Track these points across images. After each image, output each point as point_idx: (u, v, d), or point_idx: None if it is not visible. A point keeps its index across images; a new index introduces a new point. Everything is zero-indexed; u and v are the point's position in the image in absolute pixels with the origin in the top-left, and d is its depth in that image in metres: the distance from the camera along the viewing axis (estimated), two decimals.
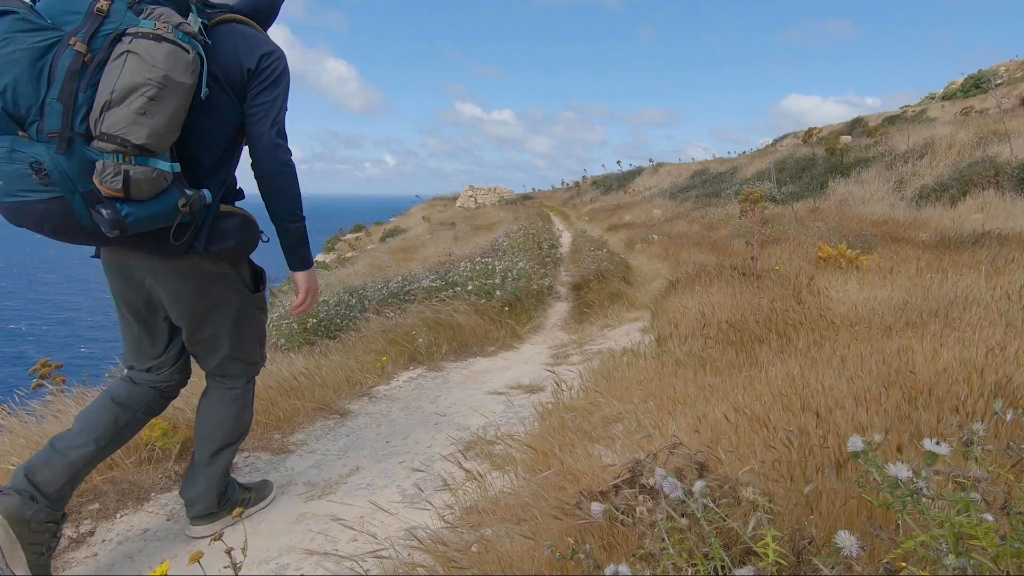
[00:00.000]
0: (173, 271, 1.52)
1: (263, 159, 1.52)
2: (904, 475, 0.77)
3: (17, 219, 1.30)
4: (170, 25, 1.28)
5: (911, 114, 19.60)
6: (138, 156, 1.26)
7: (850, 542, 0.74)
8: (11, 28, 1.20)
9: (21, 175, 1.22)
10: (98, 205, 1.26)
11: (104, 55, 1.24)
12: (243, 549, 1.15)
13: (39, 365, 3.19)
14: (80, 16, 1.25)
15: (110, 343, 20.53)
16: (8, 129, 1.22)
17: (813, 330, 2.79)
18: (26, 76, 1.20)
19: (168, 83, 1.26)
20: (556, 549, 1.01)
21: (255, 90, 1.48)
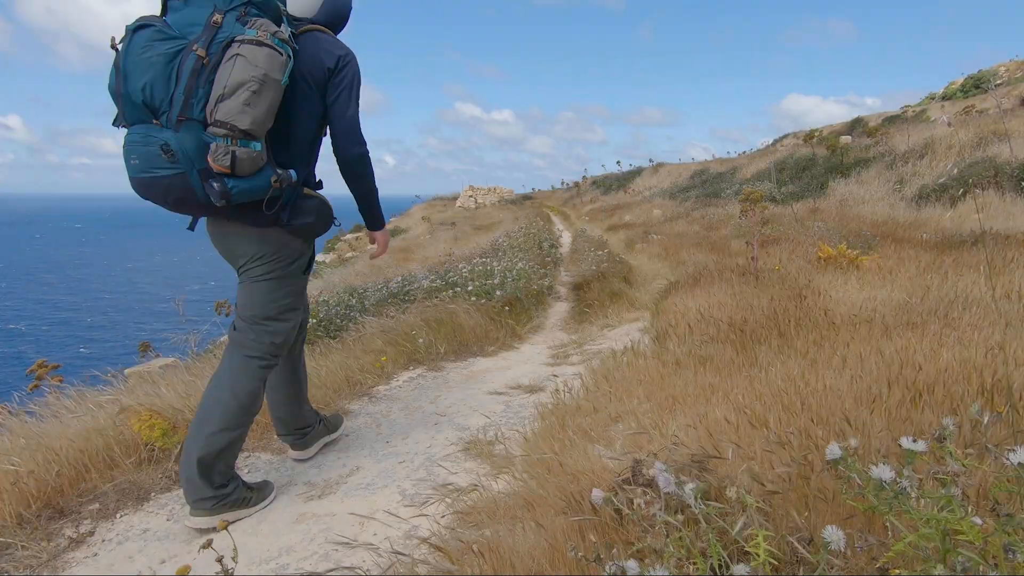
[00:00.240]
0: (253, 238, 1.81)
1: (341, 140, 1.83)
2: (887, 476, 0.79)
3: (147, 192, 1.62)
4: (268, 33, 1.57)
5: (911, 114, 19.60)
6: (243, 139, 1.54)
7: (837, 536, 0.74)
8: (150, 38, 1.53)
9: (153, 155, 1.54)
10: (210, 179, 1.56)
11: (218, 58, 1.53)
12: (234, 557, 1.15)
13: (36, 366, 3.20)
14: (200, 27, 1.56)
15: (109, 343, 20.53)
16: (145, 118, 1.55)
17: (813, 330, 2.79)
18: (160, 75, 1.51)
19: (267, 80, 1.54)
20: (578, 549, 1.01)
21: (334, 85, 1.78)
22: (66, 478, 2.11)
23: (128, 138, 1.59)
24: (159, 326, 17.89)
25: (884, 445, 1.40)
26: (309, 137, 1.83)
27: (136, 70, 1.53)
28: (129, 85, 1.54)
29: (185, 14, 1.59)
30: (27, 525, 1.89)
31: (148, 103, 1.54)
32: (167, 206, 1.67)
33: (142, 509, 2.04)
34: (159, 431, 2.30)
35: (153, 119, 1.55)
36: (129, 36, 1.56)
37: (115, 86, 1.57)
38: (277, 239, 1.83)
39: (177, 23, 1.58)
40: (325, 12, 1.87)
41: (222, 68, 1.53)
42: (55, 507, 2.00)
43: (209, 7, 1.58)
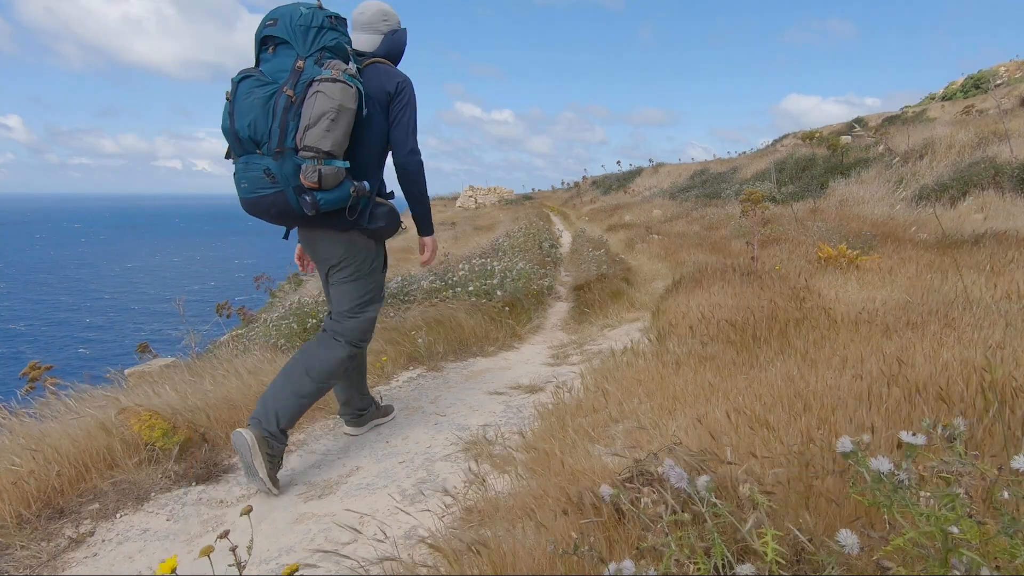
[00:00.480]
0: (338, 241, 2.13)
1: (399, 152, 2.14)
2: (885, 467, 0.80)
3: (255, 209, 1.99)
4: (340, 71, 1.89)
5: (911, 114, 19.61)
6: (326, 159, 1.87)
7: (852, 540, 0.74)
8: (251, 85, 1.89)
9: (258, 179, 1.91)
10: (303, 194, 1.91)
11: (303, 95, 1.86)
12: (248, 548, 1.15)
13: (28, 368, 3.19)
14: (287, 72, 1.90)
15: (107, 343, 20.52)
16: (250, 150, 1.92)
17: (813, 330, 2.79)
18: (261, 114, 1.87)
19: (342, 108, 1.87)
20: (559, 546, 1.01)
21: (395, 106, 2.11)
22: (66, 478, 2.11)
23: (237, 167, 1.97)
24: (159, 326, 17.88)
25: (884, 444, 1.40)
26: (377, 152, 2.14)
27: (242, 112, 1.89)
28: (237, 124, 1.90)
29: (274, 63, 1.92)
30: (27, 525, 1.89)
31: (252, 137, 1.89)
32: (271, 219, 2.02)
33: (142, 509, 2.04)
34: (159, 431, 2.29)
35: (256, 150, 1.91)
36: (235, 86, 1.92)
37: (228, 125, 1.93)
38: (356, 241, 2.15)
39: (269, 71, 1.92)
40: (384, 47, 2.21)
41: (306, 103, 1.86)
42: (55, 507, 2.00)
43: (292, 55, 1.91)
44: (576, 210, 22.65)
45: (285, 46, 1.93)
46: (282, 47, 1.93)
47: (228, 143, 1.98)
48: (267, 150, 1.89)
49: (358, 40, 2.19)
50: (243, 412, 2.73)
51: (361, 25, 2.21)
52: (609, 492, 0.99)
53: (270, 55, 1.94)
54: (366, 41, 2.20)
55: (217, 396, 2.79)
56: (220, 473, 2.30)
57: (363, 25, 2.21)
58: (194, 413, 2.60)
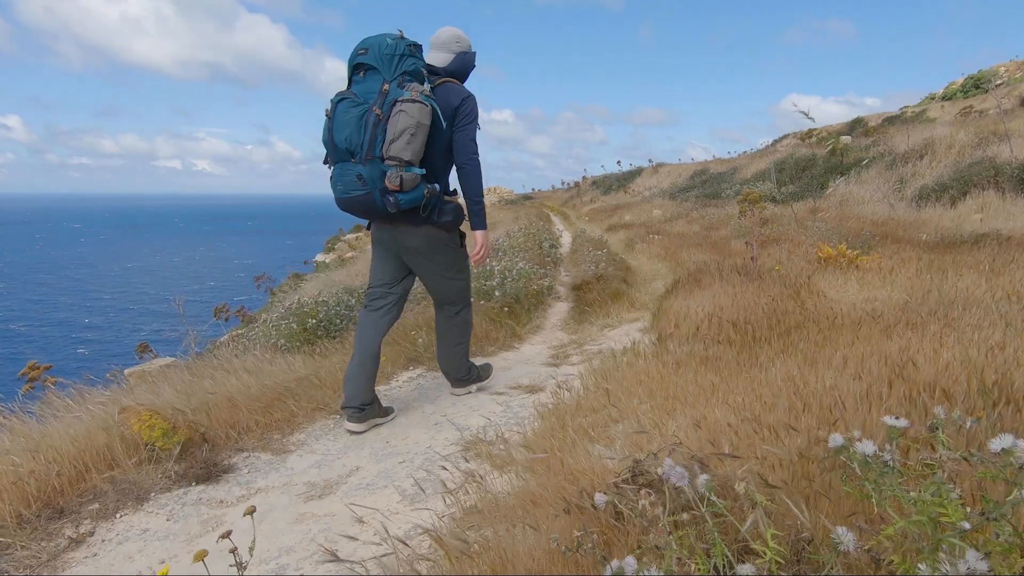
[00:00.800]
0: (418, 236, 2.54)
1: (460, 156, 2.48)
2: (870, 450, 0.82)
3: (347, 206, 2.42)
4: (418, 92, 2.26)
5: (911, 114, 19.61)
6: (407, 167, 2.25)
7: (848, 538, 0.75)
8: (348, 105, 2.29)
9: (351, 182, 2.31)
10: (387, 195, 2.30)
11: (388, 113, 2.24)
12: (250, 549, 1.15)
13: (27, 368, 3.19)
14: (375, 94, 2.28)
15: (107, 343, 20.51)
16: (345, 158, 2.32)
17: (813, 330, 2.79)
18: (355, 129, 2.26)
19: (419, 125, 2.24)
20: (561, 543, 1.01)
21: (459, 120, 2.46)
22: (66, 478, 2.11)
23: (334, 172, 2.38)
24: (158, 326, 17.87)
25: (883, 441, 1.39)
26: (444, 157, 2.50)
27: (340, 127, 2.29)
28: (336, 137, 2.30)
29: (365, 85, 2.31)
30: (27, 525, 1.89)
31: (348, 148, 2.29)
32: (360, 215, 2.48)
33: (142, 509, 2.04)
34: (159, 431, 2.29)
35: (351, 158, 2.31)
36: (334, 105, 2.34)
37: (328, 138, 2.36)
38: (431, 233, 2.55)
39: (360, 92, 2.31)
40: (455, 65, 2.59)
41: (391, 120, 2.23)
42: (55, 507, 2.00)
43: (380, 79, 2.29)
44: (576, 210, 22.65)
45: (373, 71, 2.31)
46: (371, 72, 2.32)
47: (327, 152, 2.40)
48: (359, 159, 2.29)
49: (435, 57, 2.57)
50: (243, 412, 2.73)
51: (437, 45, 2.59)
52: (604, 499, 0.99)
53: (361, 79, 2.33)
54: (441, 59, 2.58)
55: (217, 396, 2.79)
56: (220, 473, 2.30)
57: (439, 45, 2.59)
58: (194, 413, 2.60)
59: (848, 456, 0.84)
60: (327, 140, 2.36)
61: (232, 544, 1.08)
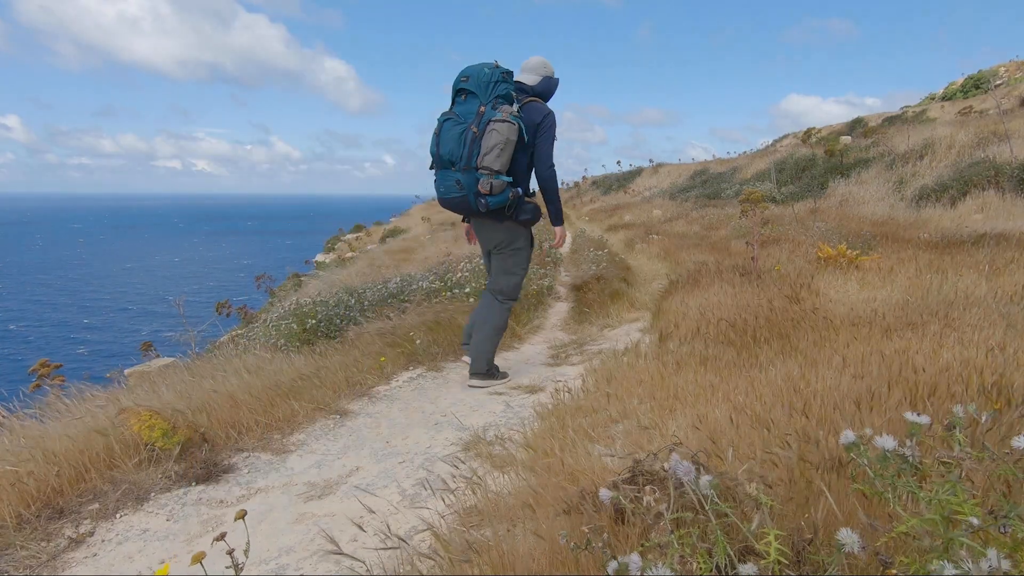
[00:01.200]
0: (500, 229, 3.06)
1: (539, 165, 2.95)
2: (890, 445, 0.81)
3: (448, 205, 2.95)
4: (508, 113, 2.74)
5: (911, 115, 19.60)
6: (496, 175, 2.75)
7: (852, 539, 0.74)
8: (452, 124, 2.80)
9: (451, 186, 2.85)
10: (479, 197, 2.81)
11: (482, 131, 2.72)
12: (245, 551, 1.15)
13: (38, 365, 3.20)
14: (473, 115, 2.77)
15: (106, 343, 20.50)
16: (447, 166, 2.84)
17: (813, 330, 2.79)
18: (456, 144, 2.77)
19: (508, 142, 2.72)
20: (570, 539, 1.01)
21: (539, 133, 2.91)
22: (66, 478, 2.11)
23: (438, 177, 2.92)
24: (157, 326, 17.85)
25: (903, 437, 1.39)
26: (526, 165, 2.96)
27: (444, 142, 2.81)
28: (442, 150, 2.83)
29: (464, 107, 2.81)
30: (27, 525, 1.89)
31: (449, 159, 2.81)
32: (456, 211, 3.00)
33: (142, 509, 2.04)
34: (159, 431, 2.29)
35: (451, 167, 2.83)
36: (441, 124, 2.86)
37: (435, 150, 2.88)
38: (510, 228, 3.05)
39: (461, 113, 2.81)
40: (541, 86, 3.07)
41: (485, 137, 2.72)
42: (55, 507, 2.00)
43: (476, 103, 2.78)
44: (576, 210, 22.64)
45: (472, 95, 2.80)
46: (471, 96, 2.81)
47: (432, 160, 2.93)
48: (458, 167, 2.79)
49: (525, 77, 3.08)
50: (244, 412, 2.73)
51: (528, 69, 3.10)
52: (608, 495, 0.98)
53: (463, 101, 2.83)
54: (530, 79, 3.07)
55: (217, 396, 2.79)
56: (220, 473, 2.30)
57: (529, 69, 3.10)
58: (194, 413, 2.60)
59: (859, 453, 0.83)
60: (434, 151, 2.89)
61: (228, 546, 1.08)
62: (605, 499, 0.99)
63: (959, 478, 0.76)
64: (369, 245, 20.15)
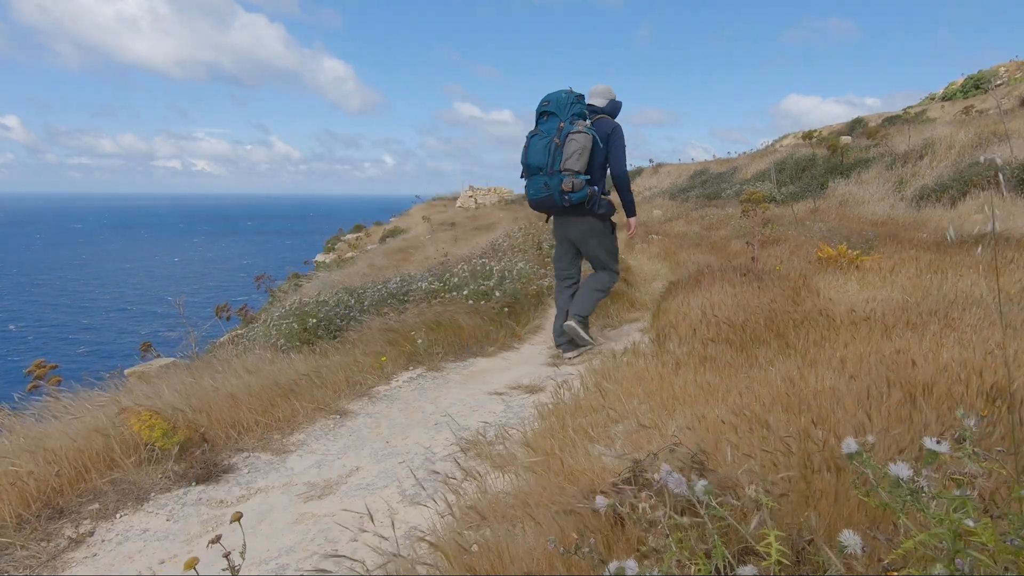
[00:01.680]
0: (583, 223, 3.60)
1: (615, 168, 3.53)
2: (905, 474, 0.78)
3: (537, 205, 3.53)
4: (583, 126, 3.35)
5: (911, 115, 19.59)
6: (576, 175, 3.32)
7: (854, 541, 0.74)
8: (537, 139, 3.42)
9: (540, 188, 3.42)
10: (563, 195, 3.36)
11: (563, 141, 3.31)
12: (242, 552, 1.15)
13: (34, 366, 3.19)
14: (554, 130, 3.36)
15: (106, 344, 20.49)
16: (536, 173, 3.43)
17: (813, 330, 2.79)
18: (542, 154, 3.37)
19: (584, 148, 3.31)
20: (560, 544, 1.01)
21: (611, 143, 3.48)
22: (66, 478, 2.11)
23: (528, 182, 3.51)
24: (157, 327, 17.87)
25: (885, 445, 1.39)
26: (601, 167, 3.52)
27: (532, 154, 3.43)
28: (530, 160, 3.44)
29: (547, 125, 3.44)
30: (27, 525, 1.89)
31: (538, 166, 3.42)
32: (544, 211, 3.65)
33: (142, 509, 2.04)
34: (159, 431, 2.29)
35: (539, 173, 3.43)
36: (529, 139, 3.49)
37: (525, 160, 3.49)
38: (590, 221, 3.60)
39: (545, 130, 3.44)
40: (608, 107, 3.67)
41: (566, 145, 3.33)
42: (55, 507, 2.00)
43: (557, 121, 3.40)
44: None
45: (553, 115, 3.44)
46: (551, 116, 3.45)
47: (523, 169, 3.55)
48: (545, 172, 3.40)
49: (596, 100, 3.68)
50: (244, 412, 2.73)
51: (596, 93, 3.71)
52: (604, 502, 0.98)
53: (544, 121, 3.47)
54: (599, 101, 3.68)
55: (217, 396, 2.79)
56: (220, 473, 2.30)
57: (598, 94, 3.71)
58: (194, 413, 2.60)
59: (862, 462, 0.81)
60: (524, 162, 3.53)
61: (224, 549, 1.08)
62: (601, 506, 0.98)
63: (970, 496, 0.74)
64: (369, 245, 20.14)
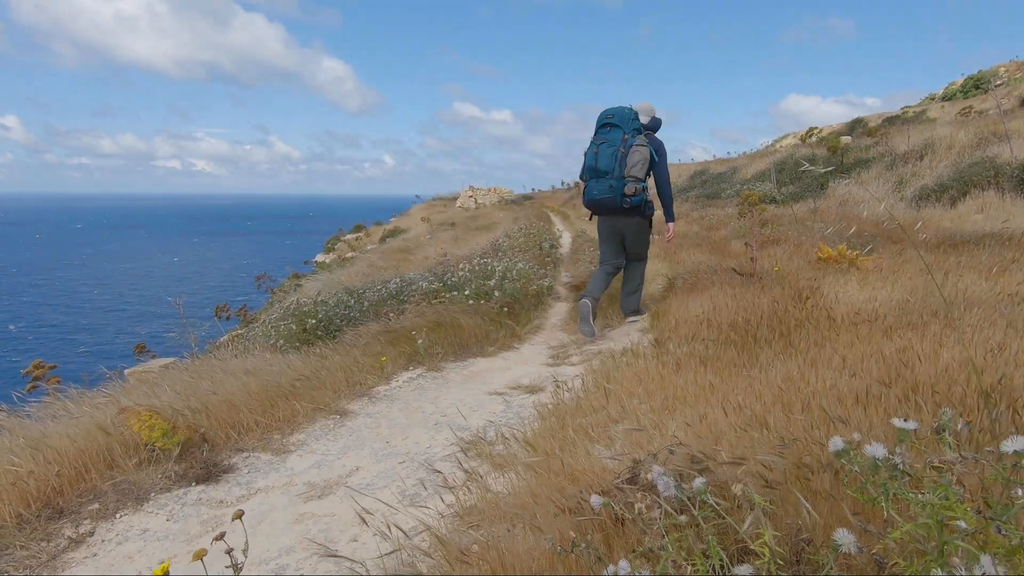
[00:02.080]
0: (633, 221, 4.21)
1: (659, 178, 4.23)
2: (880, 453, 0.82)
3: (597, 204, 4.19)
4: (643, 141, 4.02)
5: (911, 115, 19.59)
6: (638, 182, 4.01)
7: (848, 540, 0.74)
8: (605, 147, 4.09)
9: (604, 189, 4.10)
10: (624, 197, 4.03)
11: (627, 152, 4.00)
12: (244, 550, 1.15)
13: (32, 366, 3.19)
14: (619, 141, 4.04)
15: (106, 344, 20.50)
16: (601, 176, 4.11)
17: (813, 330, 2.79)
18: (609, 160, 4.04)
19: (645, 160, 4.02)
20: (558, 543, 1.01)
21: (659, 158, 4.13)
22: (66, 478, 2.11)
23: (592, 183, 4.11)
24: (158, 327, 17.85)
25: (884, 442, 1.39)
26: (646, 175, 4.10)
27: (602, 159, 4.03)
28: (600, 164, 4.03)
29: (611, 136, 4.05)
30: (27, 525, 1.89)
31: (605, 171, 4.02)
32: (602, 210, 4.21)
33: (142, 509, 2.04)
34: (159, 431, 2.29)
35: (605, 176, 4.03)
36: (597, 147, 4.06)
37: (593, 164, 4.07)
38: (639, 221, 4.25)
39: (610, 140, 4.04)
40: (652, 125, 4.28)
41: (629, 155, 3.95)
42: (55, 507, 2.00)
43: (620, 133, 4.02)
44: (576, 210, 22.61)
45: (616, 128, 4.07)
46: (614, 128, 4.08)
47: (589, 172, 4.14)
48: (611, 176, 4.02)
49: (641, 117, 4.18)
50: (243, 412, 2.73)
51: (642, 111, 4.22)
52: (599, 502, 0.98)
53: (607, 131, 4.09)
54: (643, 119, 4.21)
55: (217, 396, 2.79)
56: (220, 473, 2.30)
57: (643, 111, 4.23)
58: (194, 413, 2.60)
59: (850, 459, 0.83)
60: (592, 166, 4.11)
61: (227, 545, 1.08)
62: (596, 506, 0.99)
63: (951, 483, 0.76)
64: (369, 245, 20.14)
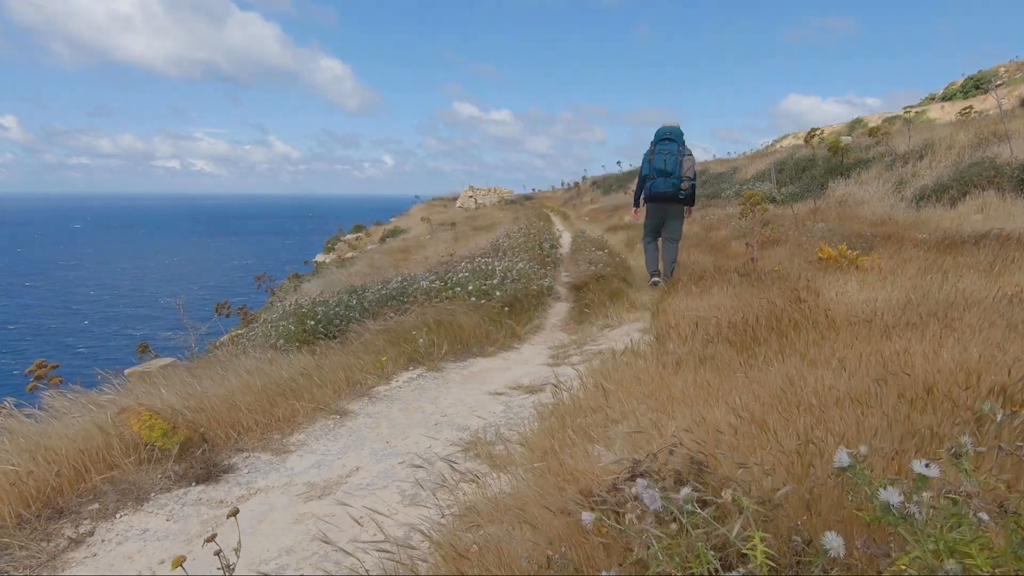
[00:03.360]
0: (679, 209, 5.73)
1: (688, 178, 5.60)
2: (895, 500, 0.75)
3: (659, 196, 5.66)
4: (690, 152, 5.68)
5: (911, 115, 19.58)
6: (690, 181, 5.63)
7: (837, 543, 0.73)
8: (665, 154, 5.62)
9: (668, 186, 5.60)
10: (679, 192, 5.61)
11: (682, 159, 5.59)
12: (236, 550, 1.15)
13: (35, 366, 3.19)
14: (675, 150, 5.60)
15: (105, 344, 20.51)
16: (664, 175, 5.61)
17: (813, 331, 2.79)
18: (671, 164, 5.56)
19: (692, 165, 5.62)
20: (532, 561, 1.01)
21: (688, 162, 5.59)
22: (66, 478, 2.11)
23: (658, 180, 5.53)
24: (157, 327, 17.89)
25: (882, 451, 1.39)
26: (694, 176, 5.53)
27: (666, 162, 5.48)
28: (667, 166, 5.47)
29: (668, 147, 5.52)
30: (27, 525, 1.89)
31: (665, 170, 5.49)
32: (662, 200, 5.60)
33: (142, 509, 2.04)
34: (159, 431, 2.30)
35: (668, 176, 5.50)
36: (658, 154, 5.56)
37: (660, 166, 5.50)
38: (682, 209, 5.66)
39: (668, 148, 5.51)
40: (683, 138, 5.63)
41: (683, 162, 5.49)
42: (55, 507, 2.00)
43: (675, 144, 5.52)
44: (576, 210, 22.63)
45: (671, 141, 5.43)
46: (670, 141, 5.43)
47: (653, 172, 5.48)
48: (672, 176, 5.38)
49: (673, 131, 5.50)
50: (243, 412, 2.73)
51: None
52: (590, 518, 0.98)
53: (666, 143, 5.44)
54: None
55: (217, 396, 2.79)
56: (220, 473, 2.30)
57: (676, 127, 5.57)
58: (194, 413, 2.60)
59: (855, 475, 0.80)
60: (659, 167, 5.39)
61: (217, 546, 1.08)
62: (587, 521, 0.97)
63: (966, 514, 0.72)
64: (369, 245, 20.14)
